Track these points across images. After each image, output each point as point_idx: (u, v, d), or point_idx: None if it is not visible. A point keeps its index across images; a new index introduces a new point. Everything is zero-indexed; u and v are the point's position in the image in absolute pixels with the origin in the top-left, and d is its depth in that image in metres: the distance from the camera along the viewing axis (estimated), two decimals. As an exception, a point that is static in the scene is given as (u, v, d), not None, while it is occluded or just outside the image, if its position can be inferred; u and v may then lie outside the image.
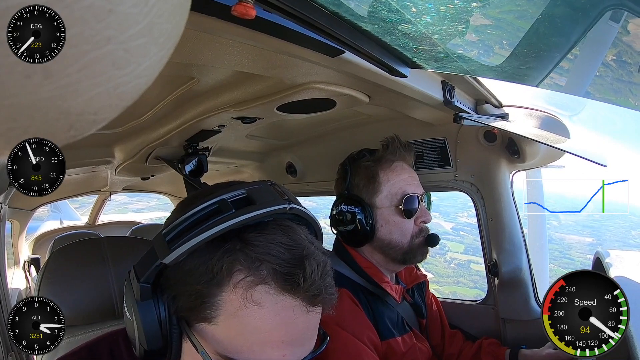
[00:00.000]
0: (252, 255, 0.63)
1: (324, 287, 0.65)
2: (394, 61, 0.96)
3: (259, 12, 0.62)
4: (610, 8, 0.72)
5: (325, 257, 0.69)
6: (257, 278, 0.62)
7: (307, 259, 0.64)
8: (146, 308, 0.66)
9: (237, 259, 0.63)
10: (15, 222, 3.71)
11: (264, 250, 0.63)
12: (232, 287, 0.63)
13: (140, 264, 0.66)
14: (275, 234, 0.65)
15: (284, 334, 0.64)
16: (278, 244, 0.64)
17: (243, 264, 0.63)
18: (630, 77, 0.89)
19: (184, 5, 0.35)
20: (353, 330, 1.24)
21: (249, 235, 0.64)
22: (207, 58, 0.94)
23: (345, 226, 1.42)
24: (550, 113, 1.55)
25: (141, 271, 0.65)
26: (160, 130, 1.61)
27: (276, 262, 0.63)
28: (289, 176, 2.39)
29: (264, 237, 0.64)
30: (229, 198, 0.65)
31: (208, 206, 0.64)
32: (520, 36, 0.81)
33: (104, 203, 4.72)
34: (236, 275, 0.63)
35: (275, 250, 0.63)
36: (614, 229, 12.80)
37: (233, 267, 0.63)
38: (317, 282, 0.64)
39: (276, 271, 0.63)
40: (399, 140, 1.44)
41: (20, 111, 0.29)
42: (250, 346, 0.63)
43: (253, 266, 0.63)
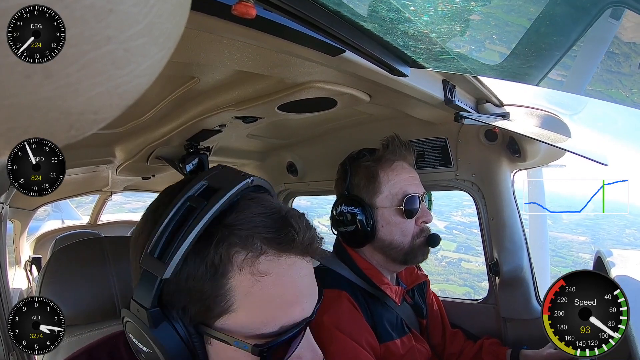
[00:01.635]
0: (242, 234, 0.65)
1: (311, 238, 0.69)
2: (394, 60, 0.96)
3: (259, 11, 0.62)
4: (611, 5, 0.71)
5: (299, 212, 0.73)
6: (256, 251, 0.65)
7: (289, 217, 0.68)
8: (163, 332, 0.64)
9: (231, 243, 0.64)
10: (16, 222, 3.72)
11: (250, 226, 0.65)
12: (238, 270, 0.65)
13: (138, 292, 0.65)
14: (249, 208, 0.67)
15: (296, 290, 0.69)
16: (257, 216, 0.67)
17: (239, 245, 0.65)
18: (620, 68, 0.89)
19: (184, 4, 0.35)
20: (351, 333, 1.24)
21: (229, 219, 0.65)
22: (208, 57, 0.93)
23: (345, 227, 1.41)
24: (551, 112, 1.55)
25: (144, 298, 0.64)
26: (161, 129, 1.61)
27: (264, 231, 0.66)
28: (290, 175, 2.39)
29: (242, 214, 0.66)
30: (195, 193, 0.66)
31: (180, 207, 0.65)
32: (520, 35, 0.81)
33: (105, 203, 4.73)
34: (236, 257, 0.65)
35: (258, 221, 0.66)
36: (608, 228, 12.77)
37: (231, 251, 0.65)
38: (307, 233, 0.68)
39: (268, 239, 0.66)
40: (399, 139, 1.44)
41: (20, 111, 0.29)
42: (273, 314, 0.66)
43: (247, 243, 0.65)
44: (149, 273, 0.63)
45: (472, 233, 12.00)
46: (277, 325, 0.66)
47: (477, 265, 11.21)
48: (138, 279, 0.66)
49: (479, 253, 11.36)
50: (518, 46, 0.85)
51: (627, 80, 0.93)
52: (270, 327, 0.66)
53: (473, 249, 11.67)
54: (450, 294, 5.81)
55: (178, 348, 0.65)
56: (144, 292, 0.64)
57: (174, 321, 0.65)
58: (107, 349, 0.78)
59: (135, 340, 0.67)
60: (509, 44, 0.86)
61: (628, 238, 12.37)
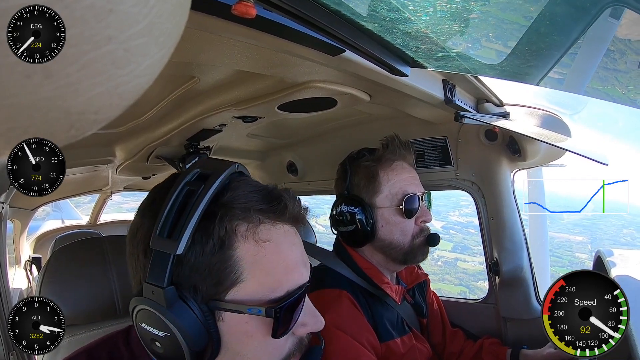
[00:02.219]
0: (239, 207, 0.70)
1: (298, 208, 0.76)
2: (394, 60, 0.96)
3: (259, 11, 0.62)
4: (610, 5, 0.71)
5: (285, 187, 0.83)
6: (255, 222, 0.71)
7: (277, 191, 0.75)
8: (180, 311, 0.66)
9: (233, 216, 0.69)
10: (16, 222, 3.71)
11: (245, 201, 0.71)
12: (242, 240, 0.69)
13: (151, 274, 0.66)
14: (241, 187, 0.72)
15: (295, 254, 0.76)
16: (250, 192, 0.72)
17: (240, 217, 0.70)
18: (616, 65, 0.89)
19: (184, 4, 0.35)
20: (352, 333, 1.24)
21: (226, 197, 0.70)
22: (208, 57, 0.94)
23: (345, 227, 1.41)
24: (551, 112, 1.55)
25: (158, 279, 0.65)
26: (161, 129, 1.61)
27: (259, 204, 0.72)
28: (290, 175, 2.39)
29: (236, 192, 0.71)
30: (191, 178, 0.71)
31: (180, 192, 0.69)
32: (520, 34, 0.81)
33: (105, 202, 4.73)
34: (239, 228, 0.69)
35: (251, 197, 0.71)
36: (605, 228, 12.75)
37: (233, 224, 0.69)
38: (295, 202, 0.76)
39: (263, 210, 0.72)
40: (399, 139, 1.44)
41: (20, 111, 0.29)
42: (279, 279, 0.72)
43: (246, 215, 0.70)
44: (160, 253, 0.65)
45: (468, 233, 12.01)
46: (284, 289, 0.72)
47: (474, 265, 11.23)
48: (143, 269, 0.68)
49: (475, 253, 11.37)
50: (518, 46, 0.85)
51: (624, 78, 0.93)
52: (277, 292, 0.71)
53: (469, 248, 11.69)
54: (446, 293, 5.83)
55: (195, 327, 0.67)
56: (157, 273, 0.66)
57: (188, 301, 0.67)
58: (106, 348, 0.78)
59: (150, 327, 0.68)
60: (509, 43, 0.86)
61: (625, 238, 12.36)
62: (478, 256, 11.26)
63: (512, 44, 0.86)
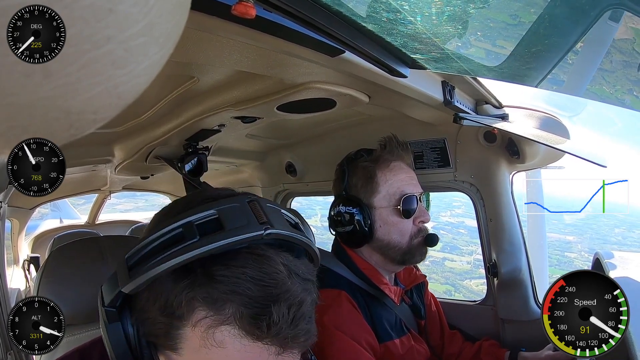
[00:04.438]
0: (215, 294, 0.57)
1: (293, 335, 0.59)
2: (394, 61, 0.96)
3: (259, 11, 0.62)
4: (610, 8, 0.72)
5: (304, 294, 0.62)
6: (220, 317, 0.57)
7: (277, 302, 0.58)
8: (114, 331, 0.63)
9: (197, 297, 0.58)
10: (14, 221, 3.71)
11: (229, 288, 0.57)
12: (192, 325, 0.59)
13: (105, 286, 0.63)
14: (245, 266, 0.58)
15: None
16: (247, 280, 0.57)
17: (203, 303, 0.58)
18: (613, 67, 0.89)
19: (184, 4, 0.35)
20: (351, 334, 1.24)
21: (215, 269, 0.58)
22: (207, 57, 0.94)
23: (343, 227, 1.41)
24: (550, 114, 1.55)
25: (106, 294, 0.62)
26: (160, 129, 1.61)
27: (242, 302, 0.57)
28: (289, 176, 2.39)
29: (230, 270, 0.57)
30: (197, 220, 0.59)
31: (172, 230, 0.59)
32: (520, 36, 0.81)
33: (104, 202, 4.72)
34: (197, 313, 0.58)
35: (242, 287, 0.57)
36: (597, 227, 12.75)
37: (193, 304, 0.58)
38: (284, 331, 0.58)
39: (242, 312, 0.57)
40: (397, 139, 1.44)
41: (20, 110, 0.29)
42: None
43: (215, 306, 0.57)
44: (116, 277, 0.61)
45: (458, 233, 12.02)
46: None
47: (461, 264, 11.26)
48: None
49: (463, 253, 11.41)
50: (518, 48, 0.85)
51: (611, 77, 0.93)
52: None
53: (458, 248, 11.71)
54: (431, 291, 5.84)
55: (122, 350, 0.63)
56: (107, 290, 0.62)
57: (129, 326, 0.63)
58: (98, 349, 0.76)
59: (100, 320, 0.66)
60: (509, 45, 0.86)
61: (617, 237, 12.36)
62: (466, 256, 11.29)
63: (511, 46, 0.86)
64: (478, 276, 10.37)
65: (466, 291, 10.36)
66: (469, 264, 11.05)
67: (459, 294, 10.16)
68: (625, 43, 0.81)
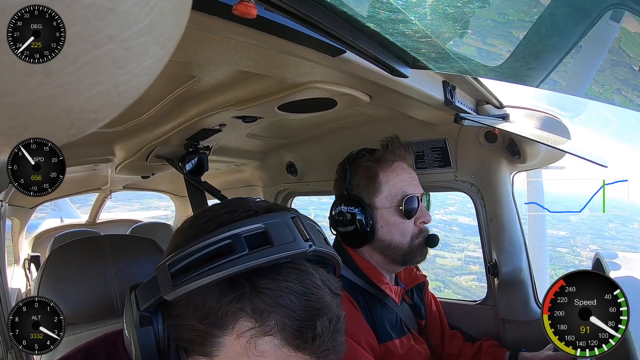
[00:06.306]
0: (260, 305, 0.59)
1: (332, 347, 0.62)
2: (395, 61, 0.96)
3: (260, 11, 0.62)
4: (611, 8, 0.72)
5: (339, 309, 0.66)
6: (264, 329, 0.59)
7: (320, 316, 0.61)
8: (145, 335, 0.63)
9: (244, 308, 0.59)
10: (15, 220, 3.71)
11: (275, 301, 0.59)
12: (235, 334, 0.60)
13: (142, 290, 0.64)
14: (289, 280, 0.61)
15: None
16: (291, 293, 0.60)
17: (250, 314, 0.59)
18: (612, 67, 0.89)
19: (185, 4, 0.35)
20: (351, 333, 1.24)
21: (261, 282, 0.60)
22: (208, 57, 0.93)
23: (344, 227, 1.41)
24: (551, 114, 1.55)
25: (142, 298, 0.63)
26: (161, 128, 1.61)
27: (286, 314, 0.59)
28: (290, 175, 2.39)
29: (276, 284, 0.60)
30: (244, 233, 0.60)
31: (220, 241, 0.59)
32: (521, 36, 0.81)
33: (104, 201, 4.72)
34: (241, 323, 0.60)
35: (287, 300, 0.60)
36: (590, 222, 12.64)
37: (238, 315, 0.60)
38: (326, 343, 0.61)
39: (285, 324, 0.59)
40: (399, 140, 1.44)
41: (20, 109, 0.29)
42: None
43: (261, 317, 0.59)
44: (156, 283, 0.61)
45: (451, 230, 12.01)
46: None
47: (452, 261, 11.26)
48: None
49: (455, 250, 11.42)
50: (518, 48, 0.85)
51: (599, 76, 0.93)
52: None
53: (450, 245, 11.70)
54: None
55: (152, 355, 0.64)
56: (144, 295, 0.63)
57: (161, 330, 0.64)
58: (104, 347, 0.77)
59: (125, 320, 0.67)
60: (510, 45, 0.86)
61: (610, 232, 12.30)
62: (457, 252, 11.27)
63: (512, 46, 0.86)
64: (468, 272, 10.39)
65: (455, 287, 10.33)
66: (460, 260, 11.04)
67: (448, 290, 10.16)
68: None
